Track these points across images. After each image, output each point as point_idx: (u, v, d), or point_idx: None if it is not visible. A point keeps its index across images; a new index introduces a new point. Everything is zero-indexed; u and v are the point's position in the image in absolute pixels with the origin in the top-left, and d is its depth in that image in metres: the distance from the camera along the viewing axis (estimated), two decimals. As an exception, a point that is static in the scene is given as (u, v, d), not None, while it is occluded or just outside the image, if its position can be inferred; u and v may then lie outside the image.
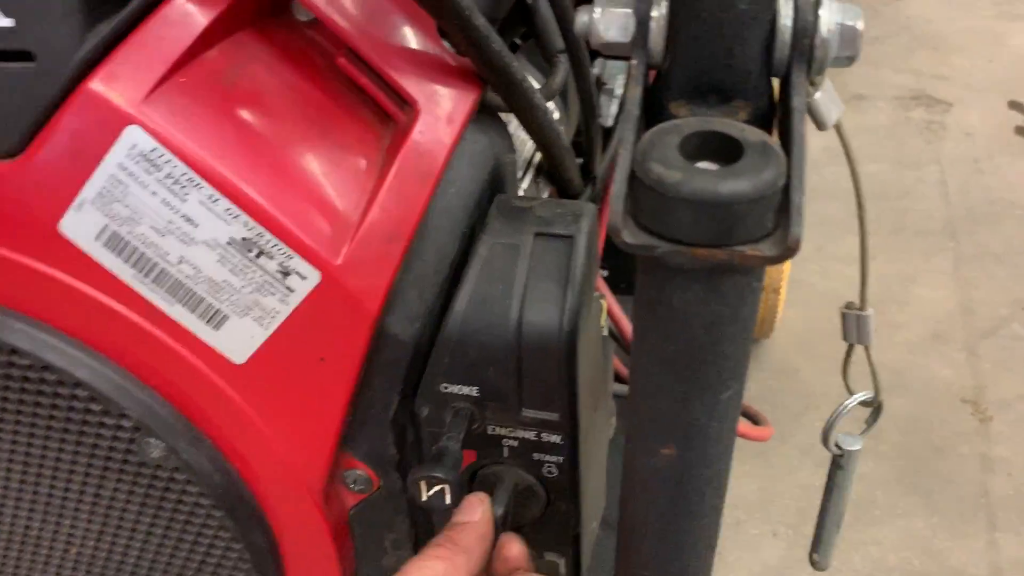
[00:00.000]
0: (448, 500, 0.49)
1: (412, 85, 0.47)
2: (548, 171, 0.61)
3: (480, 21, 0.44)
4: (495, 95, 0.50)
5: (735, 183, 0.30)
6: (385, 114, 0.48)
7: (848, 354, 0.59)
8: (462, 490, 0.49)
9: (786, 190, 0.31)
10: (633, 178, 0.31)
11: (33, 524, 0.55)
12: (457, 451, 0.48)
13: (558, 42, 0.56)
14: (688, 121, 0.33)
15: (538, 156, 0.64)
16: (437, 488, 0.49)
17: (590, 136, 0.64)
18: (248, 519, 0.52)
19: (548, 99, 0.55)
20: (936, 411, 1.24)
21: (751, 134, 0.32)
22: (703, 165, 0.32)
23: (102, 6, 0.41)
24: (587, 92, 0.60)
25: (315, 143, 0.46)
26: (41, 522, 0.55)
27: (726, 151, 0.32)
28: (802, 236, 0.30)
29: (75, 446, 0.50)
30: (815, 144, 1.97)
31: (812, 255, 1.57)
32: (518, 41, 0.65)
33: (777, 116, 0.35)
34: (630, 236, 0.31)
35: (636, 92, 0.33)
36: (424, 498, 0.49)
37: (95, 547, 0.55)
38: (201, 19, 0.42)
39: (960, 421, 1.23)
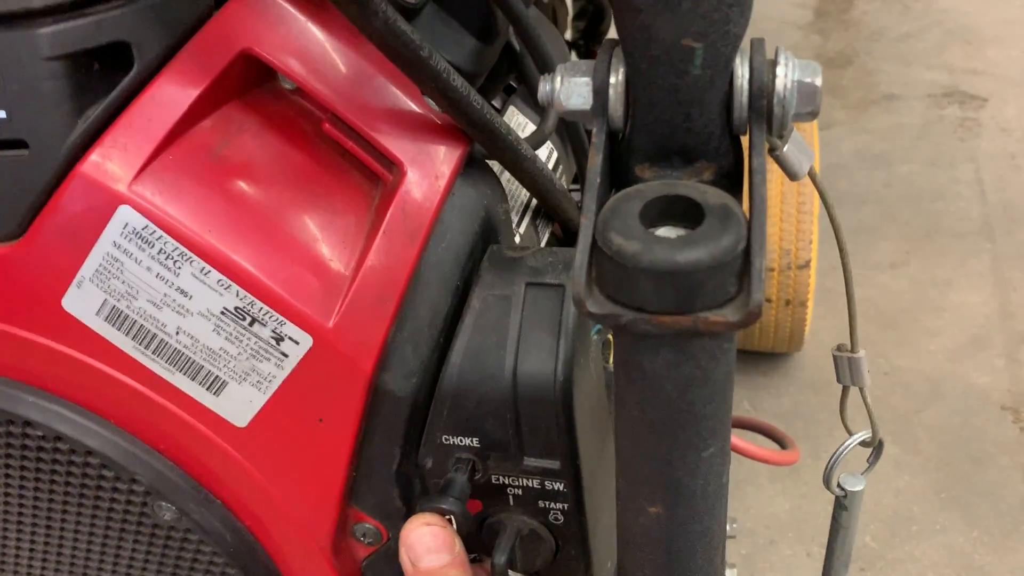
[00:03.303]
0: (460, 517, 0.50)
1: (397, 145, 0.47)
2: (546, 212, 0.62)
3: (458, 82, 0.45)
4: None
5: (693, 252, 0.30)
6: (373, 174, 0.49)
7: (844, 396, 0.58)
8: (468, 521, 0.49)
9: (747, 253, 0.31)
10: (595, 247, 0.32)
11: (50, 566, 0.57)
12: (464, 483, 0.49)
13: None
14: (650, 186, 0.33)
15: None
16: (451, 504, 0.50)
17: (583, 171, 0.65)
18: (260, 573, 0.53)
19: (538, 145, 0.56)
20: (975, 420, 1.21)
21: (713, 196, 0.32)
22: (665, 230, 0.32)
23: (90, 92, 0.43)
24: (578, 134, 0.61)
25: (304, 208, 0.47)
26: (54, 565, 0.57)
27: (689, 214, 0.32)
28: (762, 302, 0.30)
29: (92, 509, 0.52)
30: (846, 147, 1.94)
31: (843, 262, 1.55)
32: (513, 83, 0.66)
33: (745, 172, 0.35)
34: (594, 306, 0.31)
35: (597, 161, 0.33)
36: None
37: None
38: (186, 98, 0.44)
39: (1000, 430, 1.20)
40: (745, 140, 0.35)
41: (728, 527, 0.73)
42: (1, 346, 0.47)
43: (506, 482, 0.51)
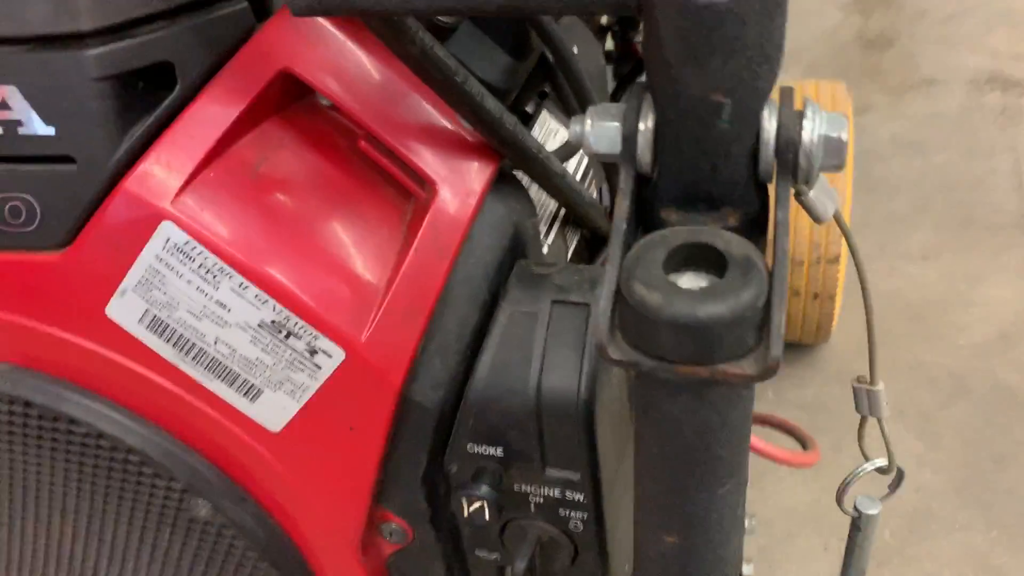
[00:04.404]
0: (487, 517, 0.52)
1: (429, 164, 0.48)
2: (575, 220, 0.63)
3: (491, 104, 0.46)
4: (514, 162, 0.52)
5: (714, 306, 0.31)
6: (406, 190, 0.50)
7: (862, 423, 0.58)
8: (499, 510, 0.51)
9: (767, 307, 0.31)
10: (619, 294, 0.33)
11: (100, 568, 0.60)
12: (497, 470, 0.51)
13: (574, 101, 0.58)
14: (675, 232, 0.34)
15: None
16: (477, 505, 0.52)
17: (612, 186, 0.65)
18: (292, 569, 0.55)
19: (568, 157, 0.56)
20: (999, 418, 1.21)
21: (736, 246, 0.33)
22: (688, 278, 0.33)
23: (135, 110, 0.44)
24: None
25: (339, 224, 0.48)
26: (107, 566, 0.59)
27: (713, 261, 0.33)
28: (780, 356, 0.31)
29: (131, 503, 0.54)
30: (883, 132, 1.91)
31: (875, 253, 1.54)
32: (547, 89, 0.66)
33: (770, 221, 0.35)
34: (616, 352, 0.32)
35: (624, 206, 0.34)
36: (465, 514, 0.52)
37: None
38: (227, 117, 0.45)
39: None
40: (771, 186, 0.35)
41: (747, 523, 0.75)
42: (47, 347, 0.49)
43: (528, 490, 0.52)
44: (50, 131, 0.43)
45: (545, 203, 0.61)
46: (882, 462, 0.57)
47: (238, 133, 0.46)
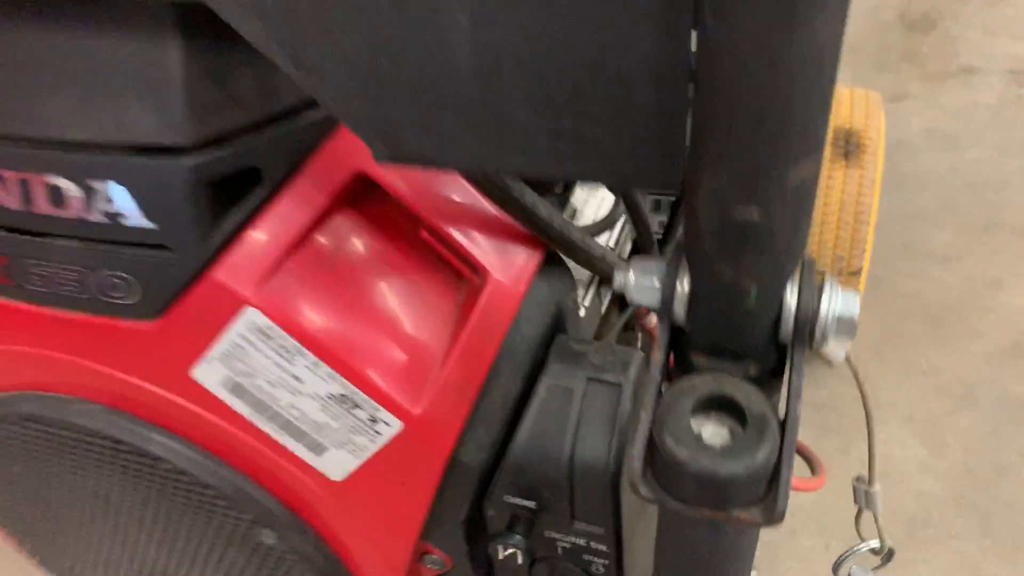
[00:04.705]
0: (519, 561, 0.58)
1: (483, 254, 0.53)
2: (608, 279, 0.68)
3: (544, 211, 0.50)
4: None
5: (732, 465, 0.36)
6: (461, 275, 0.55)
7: (858, 514, 0.64)
8: (529, 553, 0.58)
9: (778, 465, 0.37)
10: (651, 438, 0.38)
11: (165, 567, 0.67)
12: (529, 519, 0.57)
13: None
14: (703, 381, 0.39)
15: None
16: (510, 552, 0.59)
17: (644, 244, 0.70)
18: (343, 588, 0.62)
19: (604, 229, 0.61)
20: (1005, 429, 1.26)
21: (756, 403, 0.38)
22: (711, 427, 0.39)
23: (224, 206, 0.49)
24: (640, 220, 0.65)
25: (401, 307, 0.53)
26: (176, 570, 0.67)
27: (734, 409, 0.38)
28: (786, 508, 0.36)
29: (204, 526, 0.61)
30: (916, 123, 1.91)
31: (898, 251, 1.57)
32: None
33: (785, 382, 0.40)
34: (646, 491, 0.38)
35: (659, 358, 0.39)
36: (500, 558, 0.58)
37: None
38: (306, 214, 0.50)
39: None
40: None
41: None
42: (138, 397, 0.55)
43: (556, 537, 0.59)
44: (150, 225, 0.49)
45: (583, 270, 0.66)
46: (875, 543, 0.62)
47: (315, 227, 0.51)
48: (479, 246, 0.53)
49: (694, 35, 0.31)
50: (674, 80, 0.34)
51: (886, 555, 0.63)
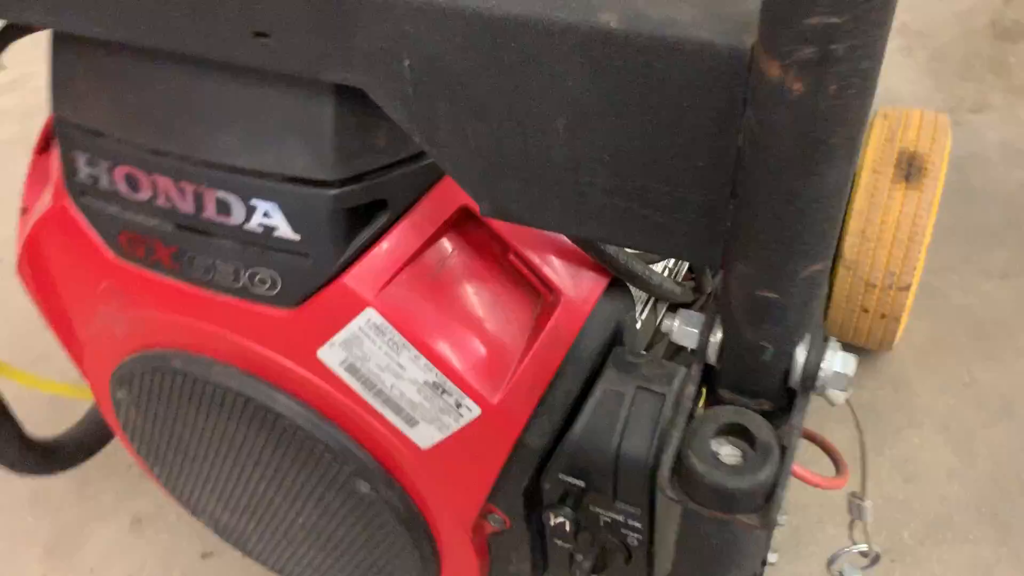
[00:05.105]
0: (567, 529, 0.71)
1: (558, 277, 0.64)
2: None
3: (611, 250, 0.61)
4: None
5: (739, 481, 0.47)
6: (538, 292, 0.66)
7: (851, 522, 0.73)
8: (576, 523, 0.70)
9: (775, 484, 0.47)
10: (680, 453, 0.49)
11: (280, 509, 0.81)
12: (579, 494, 0.69)
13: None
14: (724, 411, 0.49)
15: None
16: (560, 520, 0.71)
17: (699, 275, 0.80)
18: (422, 535, 0.75)
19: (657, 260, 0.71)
20: (1035, 447, 1.33)
21: (764, 433, 0.48)
22: (727, 447, 0.49)
23: (356, 228, 0.61)
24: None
25: (488, 314, 0.65)
26: (286, 509, 0.80)
27: (747, 436, 0.49)
28: (776, 518, 0.47)
29: (311, 472, 0.74)
30: (992, 136, 1.93)
31: (956, 265, 1.62)
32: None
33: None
34: (672, 493, 0.49)
35: (691, 390, 0.50)
36: (551, 524, 0.71)
37: (315, 530, 0.80)
38: (419, 237, 0.62)
39: None
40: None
41: (779, 519, 0.93)
42: (269, 366, 0.68)
43: (600, 512, 0.70)
44: (295, 236, 0.61)
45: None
46: (865, 547, 0.72)
47: (426, 247, 0.62)
48: (555, 270, 0.64)
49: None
50: (718, 191, 0.44)
51: (872, 559, 0.73)
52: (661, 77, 0.41)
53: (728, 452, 0.49)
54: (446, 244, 0.64)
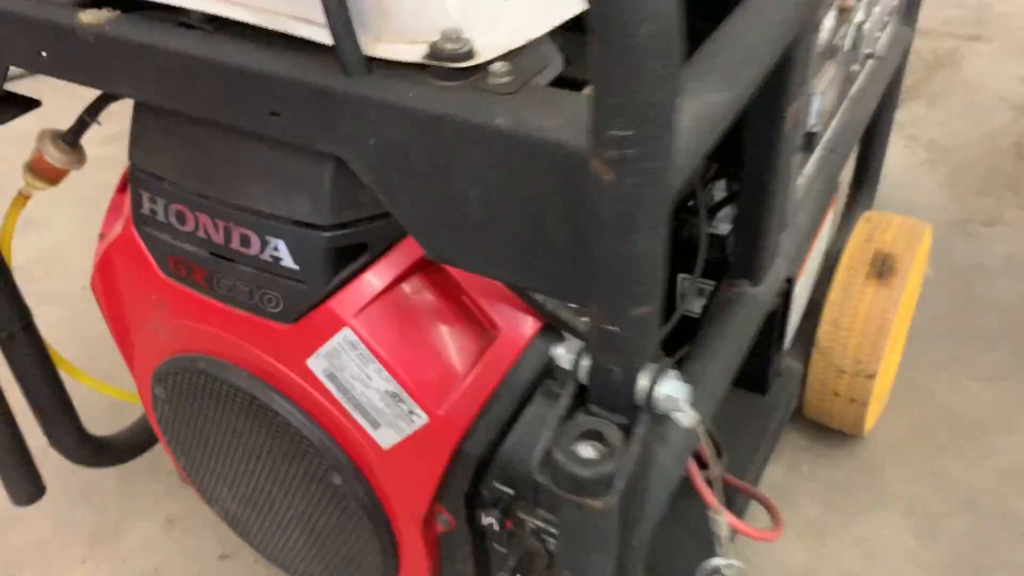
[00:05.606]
0: (497, 528, 0.85)
1: (500, 317, 0.81)
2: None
3: (549, 306, 0.77)
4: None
5: (587, 472, 0.61)
6: (484, 328, 0.82)
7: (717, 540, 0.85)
8: (504, 525, 0.84)
9: (612, 477, 0.62)
10: (549, 450, 0.64)
11: (271, 493, 0.98)
12: (509, 501, 0.83)
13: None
14: (586, 420, 0.64)
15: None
16: (491, 520, 0.86)
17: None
18: (382, 527, 0.90)
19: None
20: (995, 539, 1.39)
21: (614, 438, 0.63)
22: (585, 445, 0.64)
23: (342, 263, 0.79)
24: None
25: (441, 343, 0.81)
26: (276, 493, 0.97)
27: (601, 439, 0.64)
28: (607, 504, 0.61)
29: (298, 465, 0.91)
30: (1000, 250, 2.04)
31: (945, 364, 1.71)
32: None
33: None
34: (541, 478, 0.64)
35: (565, 402, 0.65)
36: (483, 523, 0.85)
37: (301, 515, 0.96)
38: (392, 274, 0.79)
39: (1013, 554, 1.37)
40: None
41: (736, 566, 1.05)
42: (271, 371, 0.86)
43: (525, 517, 0.85)
44: (295, 266, 0.79)
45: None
46: (724, 561, 0.84)
47: (398, 282, 0.80)
48: (498, 311, 0.81)
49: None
50: (576, 247, 0.60)
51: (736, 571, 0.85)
52: (535, 163, 0.58)
53: (587, 450, 0.64)
54: (413, 283, 0.81)
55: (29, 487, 1.23)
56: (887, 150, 1.76)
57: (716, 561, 0.82)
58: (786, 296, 1.29)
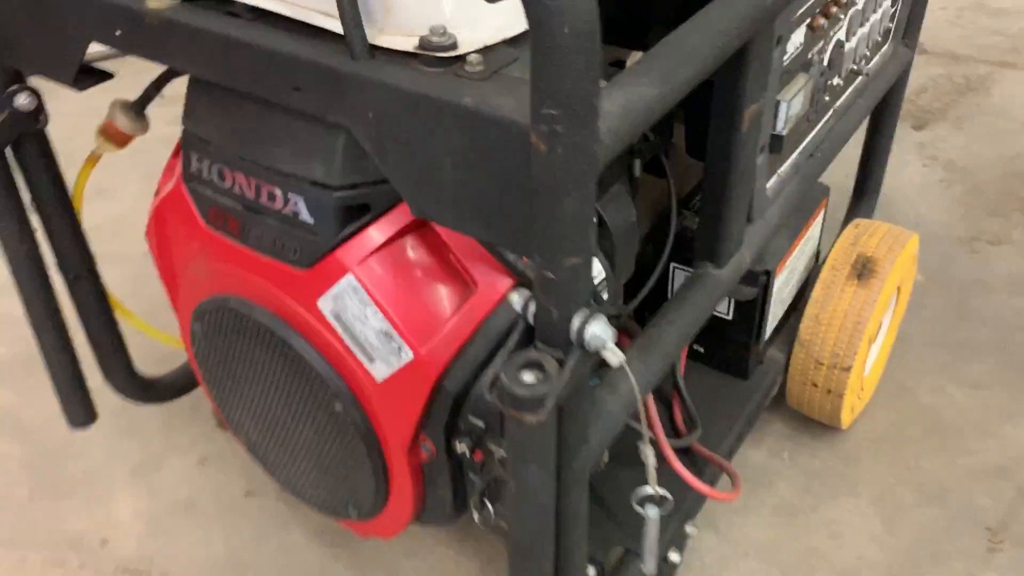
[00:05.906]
0: (469, 455, 0.99)
1: (479, 273, 0.95)
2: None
3: (511, 258, 0.91)
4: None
5: (527, 391, 0.75)
6: (467, 282, 0.97)
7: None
8: (475, 454, 0.98)
9: (544, 398, 0.76)
10: (497, 377, 0.78)
11: (282, 418, 1.13)
12: (480, 432, 0.97)
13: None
14: (532, 353, 0.78)
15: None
16: (465, 447, 1.00)
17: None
18: (375, 452, 1.05)
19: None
20: (957, 526, 1.48)
21: (551, 368, 0.77)
22: (528, 373, 0.78)
23: (350, 219, 0.94)
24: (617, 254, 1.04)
25: (428, 292, 0.96)
26: (286, 418, 1.12)
27: (542, 368, 0.78)
28: (540, 418, 0.75)
29: (306, 394, 1.06)
30: (1001, 268, 2.13)
31: (933, 370, 1.80)
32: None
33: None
34: (489, 397, 0.78)
35: (515, 338, 0.79)
36: (458, 450, 1.00)
37: (309, 442, 1.12)
38: (392, 229, 0.94)
39: (972, 543, 1.43)
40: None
41: (688, 529, 1.18)
42: (288, 310, 1.01)
43: (494, 448, 0.99)
44: (311, 220, 0.94)
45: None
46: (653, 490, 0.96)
47: (398, 236, 0.95)
48: (478, 269, 0.95)
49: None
50: (524, 206, 0.74)
51: (659, 500, 0.97)
52: (492, 136, 0.73)
53: (528, 377, 0.78)
54: (408, 240, 0.96)
55: (83, 412, 1.41)
56: (887, 162, 1.85)
57: (647, 489, 0.94)
58: (765, 288, 1.41)
